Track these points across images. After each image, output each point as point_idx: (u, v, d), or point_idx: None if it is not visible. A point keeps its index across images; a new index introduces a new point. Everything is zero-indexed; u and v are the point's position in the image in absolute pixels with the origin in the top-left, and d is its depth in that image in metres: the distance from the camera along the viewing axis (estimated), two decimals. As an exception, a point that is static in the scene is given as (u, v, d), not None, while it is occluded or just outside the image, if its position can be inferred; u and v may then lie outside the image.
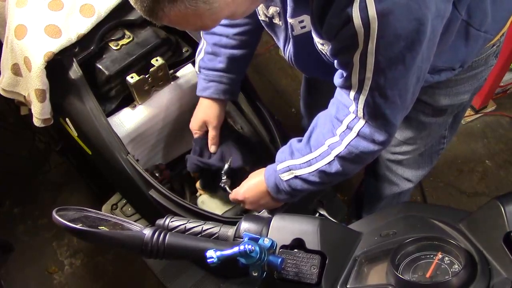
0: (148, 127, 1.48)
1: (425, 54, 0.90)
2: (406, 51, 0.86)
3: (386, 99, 0.94)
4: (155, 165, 1.54)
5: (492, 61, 1.22)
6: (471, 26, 1.03)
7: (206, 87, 1.37)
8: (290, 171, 1.14)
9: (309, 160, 1.11)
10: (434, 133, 1.41)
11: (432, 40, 0.89)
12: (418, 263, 0.71)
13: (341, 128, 1.05)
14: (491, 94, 2.29)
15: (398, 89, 0.93)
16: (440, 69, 1.11)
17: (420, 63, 0.91)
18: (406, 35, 0.84)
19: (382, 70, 0.90)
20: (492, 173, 2.23)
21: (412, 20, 0.82)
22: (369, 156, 1.06)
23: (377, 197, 1.74)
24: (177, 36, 1.54)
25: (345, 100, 1.02)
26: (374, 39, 0.84)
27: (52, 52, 1.32)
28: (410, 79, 0.92)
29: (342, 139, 1.05)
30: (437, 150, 1.53)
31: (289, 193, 1.17)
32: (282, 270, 0.76)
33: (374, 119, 0.99)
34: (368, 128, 1.01)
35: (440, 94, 1.24)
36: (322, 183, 1.13)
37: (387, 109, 0.96)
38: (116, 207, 1.55)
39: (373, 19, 0.81)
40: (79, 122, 1.41)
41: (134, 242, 0.77)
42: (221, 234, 0.82)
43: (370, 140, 1.02)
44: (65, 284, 2.03)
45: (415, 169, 1.57)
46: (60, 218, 0.76)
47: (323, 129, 1.10)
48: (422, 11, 0.82)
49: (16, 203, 2.21)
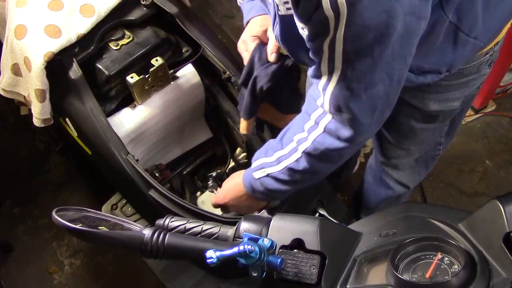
0: (148, 127, 1.48)
1: (396, 51, 0.88)
2: (375, 44, 0.85)
3: (351, 92, 0.93)
4: (155, 165, 1.54)
5: (485, 70, 1.21)
6: (460, 30, 1.02)
7: (251, 7, 1.29)
8: (262, 169, 1.12)
9: (279, 157, 1.09)
10: (428, 139, 1.41)
11: (404, 38, 0.87)
12: (418, 263, 0.71)
13: (309, 123, 1.04)
14: (491, 94, 2.29)
15: (364, 83, 0.92)
16: (426, 71, 1.10)
17: (390, 59, 0.89)
18: (375, 27, 0.83)
19: (350, 60, 0.89)
20: (492, 173, 2.23)
21: (381, 12, 0.81)
22: (335, 153, 1.04)
23: (374, 200, 1.74)
24: (177, 36, 1.54)
25: (314, 92, 1.01)
26: (343, 26, 0.83)
27: (52, 52, 1.32)
28: (377, 74, 0.91)
29: (309, 134, 1.04)
30: (432, 156, 1.54)
31: (263, 193, 1.15)
32: (282, 270, 0.76)
33: (340, 113, 0.97)
34: (334, 124, 1.00)
35: (430, 98, 1.23)
36: (292, 181, 1.11)
37: (352, 103, 0.94)
38: (116, 207, 1.55)
39: (342, 5, 0.80)
40: (79, 122, 1.41)
41: (134, 242, 0.77)
42: (221, 234, 0.82)
43: (335, 136, 1.01)
44: (65, 284, 2.03)
45: (410, 173, 1.58)
46: (60, 218, 0.76)
47: (295, 124, 1.08)
48: (391, 3, 0.81)
49: (16, 203, 2.21)
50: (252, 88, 1.21)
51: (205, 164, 1.64)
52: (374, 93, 0.94)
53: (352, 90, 0.92)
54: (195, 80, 1.51)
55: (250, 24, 1.27)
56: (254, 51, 1.23)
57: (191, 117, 1.60)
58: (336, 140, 1.01)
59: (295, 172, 1.08)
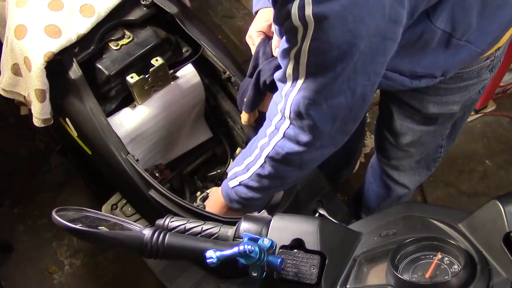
0: (148, 127, 1.48)
1: (360, 68, 0.90)
2: (337, 61, 0.87)
3: (312, 100, 0.94)
4: (155, 165, 1.54)
5: (485, 75, 1.21)
6: (453, 37, 1.02)
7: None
8: (235, 178, 1.14)
9: (247, 164, 1.11)
10: (429, 142, 1.41)
11: (369, 56, 0.89)
12: (418, 263, 0.71)
13: (270, 129, 1.06)
14: (491, 94, 2.29)
15: (324, 94, 0.93)
16: (420, 75, 1.11)
17: (353, 74, 0.91)
18: (339, 45, 0.85)
19: (312, 72, 0.91)
20: (492, 173, 2.23)
21: (346, 32, 0.83)
22: (295, 157, 1.05)
23: (374, 200, 1.75)
24: (177, 36, 1.54)
25: (277, 97, 1.03)
26: (309, 40, 0.85)
27: (52, 52, 1.32)
28: (338, 86, 0.92)
29: (270, 139, 1.06)
30: (433, 158, 1.54)
31: (239, 202, 1.17)
32: (282, 270, 0.76)
33: (300, 119, 0.98)
34: (293, 130, 1.01)
35: (429, 101, 1.23)
36: (262, 188, 1.12)
37: (312, 110, 0.96)
38: (116, 207, 1.55)
39: (309, 20, 0.82)
40: (79, 122, 1.41)
41: (134, 242, 0.77)
42: (221, 234, 0.82)
43: (294, 141, 1.02)
44: (65, 284, 2.03)
45: (411, 175, 1.58)
46: (60, 218, 0.76)
47: (260, 131, 1.11)
48: (356, 24, 0.82)
49: (16, 203, 2.21)
50: (256, 81, 1.24)
51: (205, 164, 1.64)
52: (335, 103, 0.95)
53: (313, 98, 0.94)
54: (195, 80, 1.51)
55: (257, 17, 1.29)
56: (259, 46, 1.25)
57: (191, 117, 1.60)
58: (295, 145, 1.03)
59: (262, 178, 1.10)
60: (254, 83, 1.24)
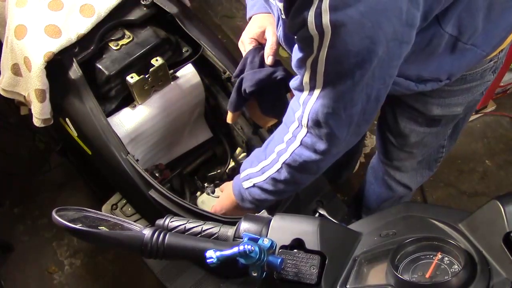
0: (148, 127, 1.48)
1: (377, 74, 0.90)
2: (356, 68, 0.86)
3: (331, 110, 0.94)
4: (155, 165, 1.54)
5: (489, 77, 1.21)
6: (459, 41, 1.02)
7: (254, 4, 1.30)
8: (249, 180, 1.15)
9: (263, 167, 1.12)
10: (431, 143, 1.41)
11: (386, 62, 0.88)
12: (418, 263, 0.71)
13: (288, 135, 1.06)
14: (491, 94, 2.29)
15: (343, 102, 0.93)
16: (426, 79, 1.11)
17: (371, 81, 0.90)
18: (357, 52, 0.84)
19: (331, 81, 0.90)
20: (492, 173, 2.23)
21: (364, 38, 0.82)
22: (312, 165, 1.06)
23: (375, 200, 1.74)
24: (177, 36, 1.54)
25: (294, 104, 1.02)
26: (326, 48, 0.84)
27: (52, 52, 1.32)
28: (357, 94, 0.92)
29: (288, 146, 1.06)
30: (435, 158, 1.54)
31: (252, 202, 1.18)
32: (282, 270, 0.76)
33: (318, 127, 0.98)
34: (310, 138, 1.01)
35: (433, 103, 1.23)
36: (277, 191, 1.13)
37: (331, 120, 0.96)
38: (116, 207, 1.55)
39: (327, 28, 0.81)
40: (79, 122, 1.41)
41: (134, 242, 0.77)
42: (221, 234, 0.82)
43: (312, 149, 1.03)
44: (65, 284, 2.03)
45: (413, 175, 1.58)
46: (60, 218, 0.76)
47: (277, 135, 1.11)
48: (375, 30, 0.81)
49: (16, 203, 2.21)
50: (238, 86, 1.25)
51: (205, 164, 1.64)
52: (354, 111, 0.95)
53: (332, 107, 0.94)
54: (195, 80, 1.51)
55: (250, 23, 1.28)
56: (248, 53, 1.25)
57: (191, 117, 1.60)
58: (313, 153, 1.03)
59: (277, 182, 1.11)
60: (237, 86, 1.25)
